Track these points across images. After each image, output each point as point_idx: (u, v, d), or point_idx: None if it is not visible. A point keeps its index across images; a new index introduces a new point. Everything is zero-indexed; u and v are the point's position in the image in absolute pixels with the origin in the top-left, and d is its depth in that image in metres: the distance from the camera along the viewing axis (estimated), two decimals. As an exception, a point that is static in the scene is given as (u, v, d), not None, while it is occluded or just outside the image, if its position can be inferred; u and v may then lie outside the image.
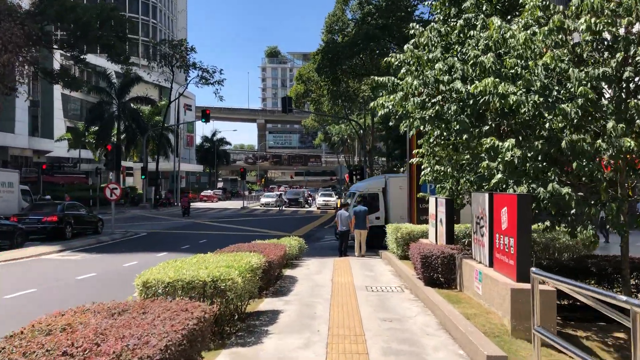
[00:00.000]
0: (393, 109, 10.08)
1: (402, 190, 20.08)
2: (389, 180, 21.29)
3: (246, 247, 11.69)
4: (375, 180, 22.52)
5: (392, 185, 20.92)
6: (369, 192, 21.28)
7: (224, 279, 6.50)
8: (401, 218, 19.49)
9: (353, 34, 41.95)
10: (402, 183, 20.59)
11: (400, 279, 12.22)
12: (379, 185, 21.46)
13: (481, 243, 8.76)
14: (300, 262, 15.68)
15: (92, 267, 15.63)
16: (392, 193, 20.79)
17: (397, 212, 20.29)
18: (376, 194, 21.18)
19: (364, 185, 21.98)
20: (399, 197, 20.07)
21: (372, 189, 21.40)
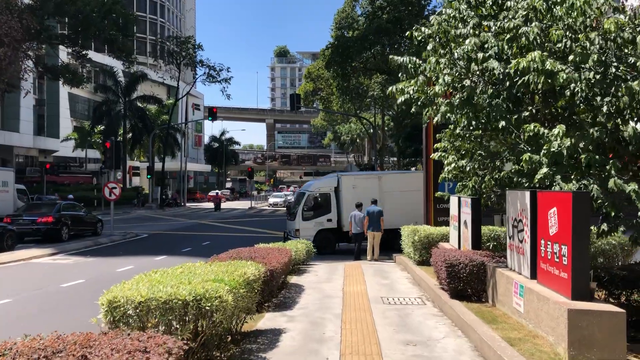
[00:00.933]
0: (414, 94, 8.76)
1: (355, 190, 18.96)
2: (341, 179, 19.51)
3: (247, 252, 10.41)
4: (327, 179, 20.83)
5: (345, 185, 19.24)
6: (320, 192, 19.45)
7: (210, 297, 5.22)
8: None
9: (364, 28, 40.61)
10: (356, 182, 19.48)
11: (419, 289, 10.88)
12: (330, 184, 19.67)
13: (519, 250, 7.41)
14: (308, 267, 14.39)
15: (82, 272, 14.44)
16: (345, 193, 19.10)
17: (350, 214, 18.34)
18: (327, 194, 19.36)
19: (315, 185, 20.20)
20: (353, 198, 18.48)
21: (324, 188, 19.58)
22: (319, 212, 19.08)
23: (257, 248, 11.29)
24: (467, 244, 10.62)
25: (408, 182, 19.99)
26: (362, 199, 18.35)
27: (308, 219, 18.96)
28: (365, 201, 18.12)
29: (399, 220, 18.58)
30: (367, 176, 21.17)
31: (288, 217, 20.45)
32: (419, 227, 14.12)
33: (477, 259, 8.62)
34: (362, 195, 18.58)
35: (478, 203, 10.45)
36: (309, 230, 18.70)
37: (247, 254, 9.99)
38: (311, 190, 19.47)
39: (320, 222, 18.95)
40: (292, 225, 19.17)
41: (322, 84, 57.51)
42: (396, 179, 20.41)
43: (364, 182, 19.75)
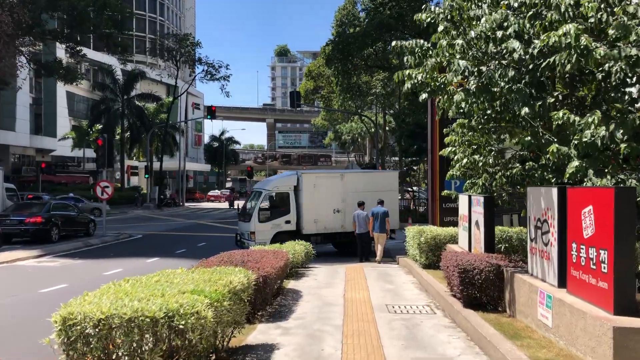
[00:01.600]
0: (423, 80, 7.88)
1: (317, 189, 17.58)
2: (302, 176, 17.77)
3: (239, 255, 9.56)
4: (285, 177, 18.91)
5: (306, 183, 17.53)
6: (278, 190, 17.64)
7: (185, 314, 4.35)
8: (315, 222, 17.32)
9: (365, 24, 39.70)
10: (317, 180, 17.94)
11: (427, 295, 10.00)
12: (289, 183, 17.82)
13: (544, 254, 6.54)
14: (307, 270, 13.52)
15: (67, 275, 13.60)
16: (305, 192, 17.43)
17: (311, 215, 17.40)
18: (286, 193, 17.55)
19: (272, 183, 18.33)
20: (314, 197, 17.37)
21: (282, 187, 17.78)
22: (277, 213, 17.29)
23: (251, 251, 10.42)
24: (479, 246, 9.75)
25: (374, 181, 19.07)
26: (323, 199, 17.48)
27: (265, 220, 17.09)
28: (328, 201, 17.47)
29: None
30: (329, 174, 19.80)
31: (241, 218, 18.54)
32: (425, 227, 13.25)
33: (493, 264, 7.75)
34: (324, 195, 17.54)
35: (491, 202, 9.59)
36: (266, 233, 16.92)
37: (239, 258, 9.16)
38: (268, 189, 17.66)
39: (278, 224, 17.15)
40: (247, 227, 17.35)
41: (322, 82, 56.64)
42: (361, 179, 19.26)
43: (326, 180, 18.26)
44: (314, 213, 17.45)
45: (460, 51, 7.45)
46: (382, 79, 45.88)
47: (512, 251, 10.52)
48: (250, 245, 16.05)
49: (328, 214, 17.66)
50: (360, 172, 23.20)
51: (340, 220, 17.91)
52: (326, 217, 17.64)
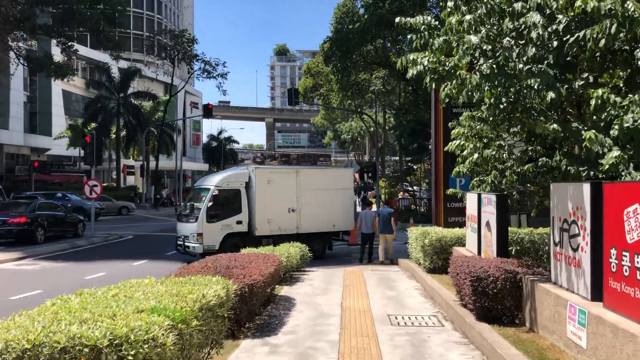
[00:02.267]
0: (430, 65, 6.95)
1: (271, 186, 16.13)
2: (254, 172, 16.12)
3: (225, 259, 8.66)
4: (236, 172, 16.94)
5: (259, 180, 15.93)
6: (228, 187, 15.82)
7: (136, 341, 3.44)
8: (268, 222, 15.88)
9: (364, 20, 38.77)
10: (271, 176, 16.47)
11: (433, 303, 9.08)
12: (241, 178, 16.07)
13: (572, 261, 5.62)
14: (302, 274, 12.60)
15: (45, 280, 12.70)
16: (258, 190, 15.83)
17: (264, 214, 15.90)
18: (237, 190, 15.80)
19: (222, 178, 16.27)
20: (268, 195, 15.97)
21: (233, 183, 15.90)
22: (228, 212, 15.54)
23: (239, 254, 9.50)
24: (490, 250, 8.84)
25: (329, 179, 17.98)
26: (278, 196, 16.13)
27: (214, 220, 15.24)
28: (282, 199, 16.15)
29: (319, 223, 16.87)
30: (284, 170, 18.76)
31: (183, 218, 16.24)
32: (430, 228, 12.33)
33: (509, 271, 6.82)
34: (278, 192, 16.19)
35: (505, 201, 8.69)
36: (215, 235, 15.13)
37: (224, 263, 8.25)
38: (218, 185, 15.72)
39: (228, 225, 15.39)
40: (192, 229, 15.27)
41: (322, 80, 55.76)
42: (317, 176, 18.07)
43: (280, 176, 16.87)
44: (267, 212, 15.96)
45: (471, 28, 6.54)
46: (382, 77, 44.97)
47: (524, 254, 9.66)
48: (197, 249, 14.87)
49: (283, 214, 16.29)
50: (316, 168, 21.97)
51: (295, 221, 16.58)
52: (281, 217, 16.23)
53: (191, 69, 49.48)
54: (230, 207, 15.69)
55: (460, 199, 12.50)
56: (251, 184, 15.90)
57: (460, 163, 11.74)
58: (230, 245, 14.74)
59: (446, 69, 6.62)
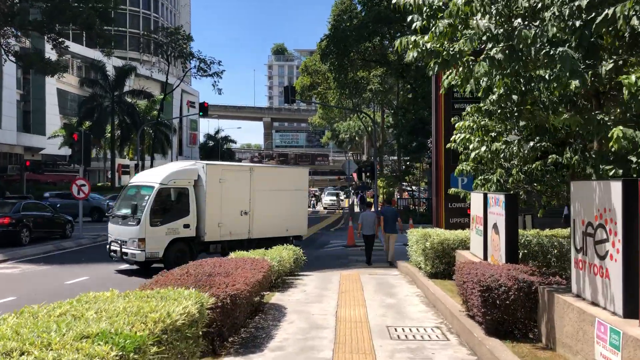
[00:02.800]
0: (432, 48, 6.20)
1: (223, 185, 14.57)
2: (205, 169, 14.28)
3: (210, 265, 7.95)
4: (184, 169, 14.64)
5: (210, 178, 14.26)
6: (175, 185, 13.93)
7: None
8: (219, 226, 14.37)
9: (362, 17, 38.07)
10: (223, 174, 14.80)
11: (436, 313, 8.35)
12: (189, 175, 14.22)
13: (599, 271, 4.90)
14: (296, 278, 11.87)
15: (22, 285, 11.98)
16: (209, 189, 14.16)
17: (215, 217, 14.26)
18: (184, 189, 14.00)
19: (167, 175, 13.98)
20: (220, 196, 14.42)
21: (180, 181, 14.00)
22: (174, 215, 13.81)
23: (225, 259, 8.78)
24: (498, 255, 8.12)
25: (283, 178, 16.92)
26: (230, 197, 14.69)
27: (158, 223, 13.41)
28: (235, 200, 14.74)
29: (273, 227, 15.74)
30: (237, 167, 16.93)
31: (120, 220, 14.04)
32: (431, 231, 11.61)
33: (523, 280, 6.09)
34: (230, 192, 14.72)
35: (514, 201, 7.98)
36: (159, 241, 13.31)
37: (208, 269, 7.54)
38: (163, 183, 13.70)
39: (174, 229, 13.58)
40: (131, 233, 13.32)
41: (319, 78, 55.05)
42: (271, 174, 17.01)
43: (233, 175, 15.21)
44: (218, 215, 14.36)
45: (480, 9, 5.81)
46: (380, 75, 44.30)
47: (531, 258, 8.97)
48: (138, 256, 13.17)
49: (234, 217, 14.83)
50: (270, 167, 20.51)
51: (247, 225, 15.23)
52: (232, 220, 14.73)
53: (186, 67, 48.63)
54: (177, 209, 13.97)
55: (463, 199, 11.83)
56: (201, 183, 14.17)
57: (463, 161, 11.04)
58: (175, 253, 13.42)
59: (451, 53, 5.88)
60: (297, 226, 16.69)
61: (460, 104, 14.35)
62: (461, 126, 8.35)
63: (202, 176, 14.21)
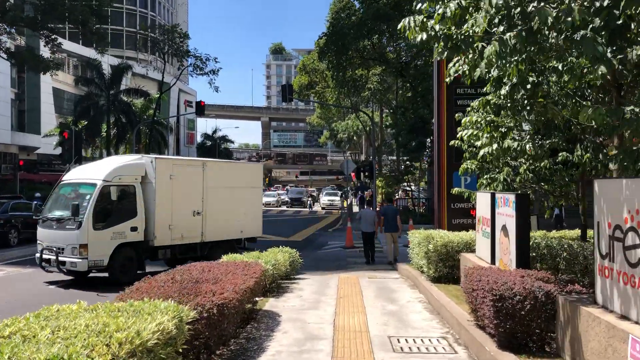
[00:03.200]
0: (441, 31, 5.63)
1: (173, 182, 13.06)
2: (155, 164, 12.75)
3: (198, 270, 7.38)
4: (129, 164, 12.94)
5: (161, 173, 12.77)
6: (120, 182, 12.29)
7: None
8: (170, 228, 12.83)
9: (361, 14, 37.53)
10: (174, 169, 13.24)
11: (441, 320, 7.79)
12: (135, 171, 12.63)
13: (629, 280, 4.34)
14: (292, 282, 11.31)
15: (3, 290, 11.40)
16: (159, 186, 12.66)
17: (166, 218, 12.75)
18: (131, 186, 12.43)
19: (110, 172, 12.24)
20: (171, 194, 12.96)
21: (126, 177, 12.41)
22: (120, 216, 12.16)
23: (216, 264, 8.20)
24: (508, 259, 7.58)
25: (239, 175, 15.48)
26: (182, 195, 13.22)
27: (102, 226, 11.72)
28: (186, 199, 13.32)
29: (227, 228, 14.46)
30: (189, 162, 15.39)
31: (51, 224, 12.28)
32: (434, 232, 11.05)
33: (539, 288, 5.54)
34: (183, 190, 13.29)
35: (526, 201, 7.41)
36: (104, 246, 11.66)
37: (195, 275, 6.98)
38: (107, 179, 12.01)
39: (121, 233, 11.99)
40: (69, 238, 11.57)
41: (317, 77, 54.52)
42: (225, 170, 15.41)
43: (185, 170, 13.68)
44: (169, 216, 12.85)
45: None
46: (379, 73, 43.77)
47: (539, 261, 8.45)
48: (79, 265, 11.42)
49: (187, 218, 13.40)
50: (224, 161, 18.88)
51: (200, 226, 13.75)
52: (184, 222, 13.30)
53: (182, 65, 48.02)
54: (123, 209, 12.35)
55: (467, 199, 11.31)
56: (149, 179, 12.67)
57: (467, 159, 10.52)
58: (122, 260, 12.02)
59: (462, 36, 5.31)
60: (252, 227, 15.38)
61: (463, 99, 13.84)
62: (468, 122, 7.80)
63: (151, 172, 12.67)
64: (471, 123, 7.77)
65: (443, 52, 5.44)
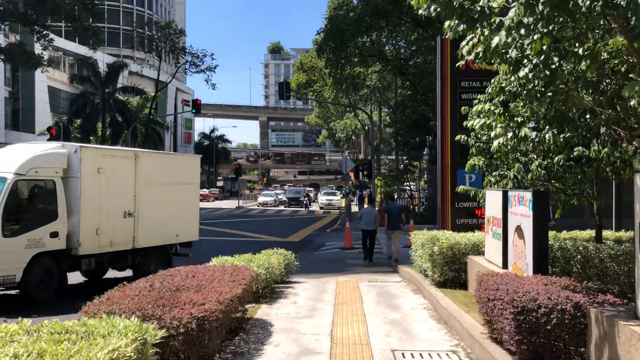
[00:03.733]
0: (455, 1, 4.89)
1: (102, 177, 10.69)
2: (80, 154, 10.40)
3: (182, 275, 6.68)
4: (47, 153, 10.48)
5: (87, 166, 10.47)
6: (37, 176, 10.07)
7: None
8: (97, 233, 10.52)
9: (359, 9, 36.82)
10: (103, 161, 10.83)
11: (450, 332, 7.07)
12: (55, 163, 10.30)
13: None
14: (287, 287, 10.59)
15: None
16: (85, 181, 10.44)
17: (92, 220, 10.57)
18: (51, 182, 10.20)
19: (23, 163, 9.92)
20: (98, 191, 10.64)
21: (44, 170, 10.12)
22: (37, 219, 9.98)
23: (202, 268, 7.47)
24: (523, 263, 6.88)
25: (175, 169, 13.06)
26: (111, 193, 10.86)
27: (14, 232, 9.54)
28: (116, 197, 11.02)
29: (162, 232, 12.26)
30: (119, 152, 12.50)
31: None
32: (439, 234, 10.31)
33: (567, 298, 4.82)
34: (111, 187, 10.89)
35: (545, 200, 6.74)
36: (16, 257, 9.47)
37: (177, 281, 6.28)
38: (20, 172, 9.77)
39: (37, 240, 9.77)
40: None
41: (315, 75, 53.81)
42: (160, 164, 12.91)
43: (114, 163, 11.22)
44: (96, 218, 10.58)
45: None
46: (379, 71, 43.07)
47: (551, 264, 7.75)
48: None
49: (117, 220, 11.06)
50: (158, 153, 16.26)
51: (131, 230, 11.44)
52: (114, 225, 10.97)
53: (178, 62, 47.26)
54: (41, 210, 10.25)
55: (473, 198, 10.63)
56: (73, 173, 10.38)
57: (474, 154, 9.84)
58: (40, 273, 9.88)
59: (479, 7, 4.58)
60: (189, 230, 13.16)
61: (468, 93, 13.15)
62: (479, 110, 7.07)
63: (75, 164, 10.35)
64: (483, 111, 7.04)
65: (458, 26, 4.70)
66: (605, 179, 9.87)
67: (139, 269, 11.43)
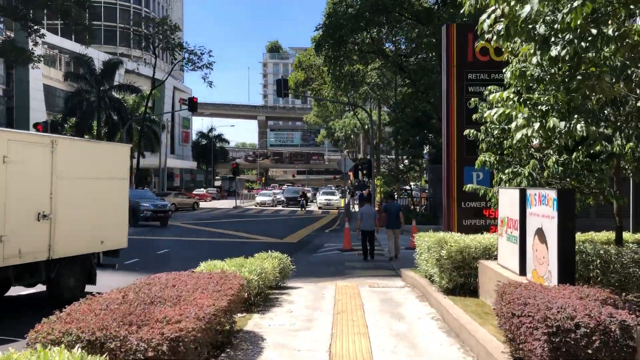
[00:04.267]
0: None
1: (10, 167, 8.25)
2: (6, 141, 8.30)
3: (160, 285, 5.88)
4: None
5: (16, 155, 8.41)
6: None
7: None
8: (1, 240, 8.11)
9: (358, 5, 36.05)
10: (12, 149, 8.34)
11: (462, 347, 6.29)
12: None
13: None
14: (282, 293, 9.81)
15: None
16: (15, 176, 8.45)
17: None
18: None
19: None
20: (7, 186, 8.22)
21: None
22: None
23: (185, 275, 6.68)
24: (545, 270, 6.11)
25: (101, 161, 10.49)
26: (19, 189, 8.43)
27: None
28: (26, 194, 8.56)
29: (85, 238, 9.90)
30: (31, 138, 9.44)
31: None
32: (447, 236, 9.52)
33: (609, 315, 4.05)
34: (22, 180, 8.52)
35: (572, 199, 5.94)
36: None
37: (155, 291, 5.49)
38: None
39: None
40: None
41: (313, 73, 53.07)
42: (83, 154, 10.14)
43: (27, 151, 8.69)
44: (1, 221, 8.15)
45: None
46: (379, 68, 42.30)
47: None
48: None
49: (27, 223, 8.67)
50: (81, 141, 13.15)
51: (47, 236, 9.02)
52: (23, 230, 8.56)
53: (174, 59, 46.47)
54: None
55: (480, 198, 9.92)
56: None
57: (484, 150, 9.12)
58: None
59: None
60: (116, 236, 10.79)
61: (475, 86, 12.39)
62: (498, 98, 6.30)
63: None
64: (501, 100, 6.26)
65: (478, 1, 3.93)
66: (625, 177, 9.16)
67: (54, 285, 9.34)
